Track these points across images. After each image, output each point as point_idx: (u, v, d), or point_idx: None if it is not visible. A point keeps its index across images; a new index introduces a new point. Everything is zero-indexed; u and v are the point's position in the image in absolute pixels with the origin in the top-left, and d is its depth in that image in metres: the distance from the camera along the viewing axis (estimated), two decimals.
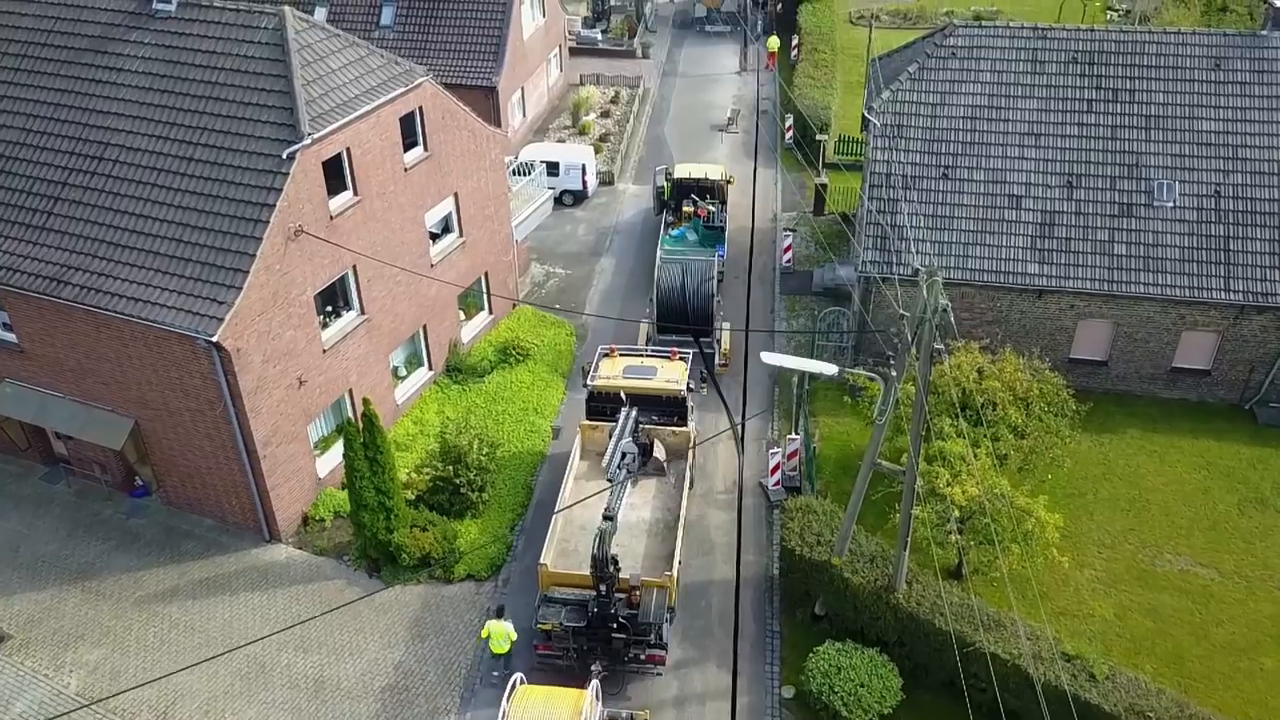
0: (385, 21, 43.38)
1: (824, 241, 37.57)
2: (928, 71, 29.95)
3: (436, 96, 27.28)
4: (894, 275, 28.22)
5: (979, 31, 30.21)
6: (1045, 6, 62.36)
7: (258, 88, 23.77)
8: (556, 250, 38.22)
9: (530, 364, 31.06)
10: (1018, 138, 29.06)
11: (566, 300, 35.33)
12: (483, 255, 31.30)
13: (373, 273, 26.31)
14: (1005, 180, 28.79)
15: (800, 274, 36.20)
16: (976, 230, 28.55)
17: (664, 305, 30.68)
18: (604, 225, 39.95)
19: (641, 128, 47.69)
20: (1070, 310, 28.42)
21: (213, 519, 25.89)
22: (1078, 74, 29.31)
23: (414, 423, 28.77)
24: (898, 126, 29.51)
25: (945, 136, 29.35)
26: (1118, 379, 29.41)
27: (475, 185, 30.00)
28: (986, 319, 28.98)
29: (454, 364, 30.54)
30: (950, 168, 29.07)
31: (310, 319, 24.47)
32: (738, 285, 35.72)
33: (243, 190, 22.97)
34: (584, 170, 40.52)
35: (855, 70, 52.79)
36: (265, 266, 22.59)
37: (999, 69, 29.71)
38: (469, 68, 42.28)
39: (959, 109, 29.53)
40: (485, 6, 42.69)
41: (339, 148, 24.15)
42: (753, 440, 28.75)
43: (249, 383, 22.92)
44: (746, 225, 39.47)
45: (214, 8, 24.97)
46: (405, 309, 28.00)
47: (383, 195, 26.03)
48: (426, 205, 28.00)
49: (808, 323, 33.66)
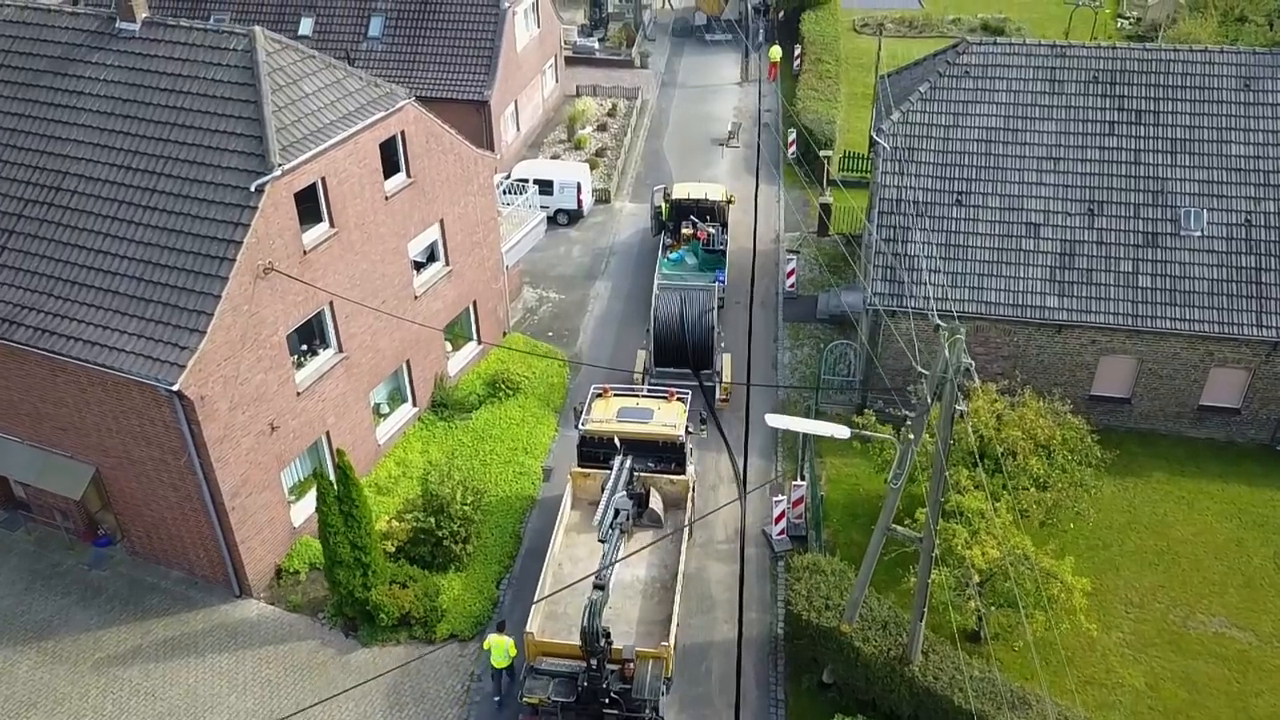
0: (373, 33, 41.82)
1: (828, 264, 35.99)
2: (940, 91, 28.36)
3: (420, 120, 25.70)
4: (905, 309, 26.64)
5: (994, 49, 28.62)
6: (1053, 14, 60.89)
7: (225, 114, 22.19)
8: (550, 273, 36.65)
9: (520, 398, 29.47)
10: (1035, 162, 27.47)
11: (560, 327, 33.74)
12: (471, 284, 29.73)
13: (352, 308, 24.74)
14: (1022, 207, 27.20)
15: (804, 299, 34.62)
16: (992, 261, 26.96)
17: (661, 338, 29.12)
18: (600, 246, 38.38)
19: (639, 142, 46.11)
20: (1091, 346, 26.83)
21: (180, 571, 24.31)
22: (1099, 94, 27.73)
23: (397, 464, 27.18)
24: (908, 149, 27.93)
25: (958, 160, 27.77)
26: (1141, 417, 27.82)
27: (462, 211, 28.43)
28: (1002, 354, 27.40)
29: (440, 399, 28.96)
30: (964, 194, 27.49)
31: (282, 360, 22.89)
32: (739, 311, 34.13)
33: (208, 225, 21.38)
34: (579, 189, 38.94)
35: (860, 81, 51.27)
36: (232, 307, 21.01)
37: (1015, 89, 28.12)
38: (460, 81, 40.71)
39: (973, 131, 27.94)
40: (477, 18, 41.12)
41: (313, 178, 22.58)
42: (755, 483, 27.14)
43: (214, 431, 21.33)
44: (748, 246, 37.89)
45: (180, 27, 23.42)
46: (387, 344, 26.43)
47: (361, 226, 24.46)
48: (410, 234, 26.43)
49: (812, 352, 32.07)
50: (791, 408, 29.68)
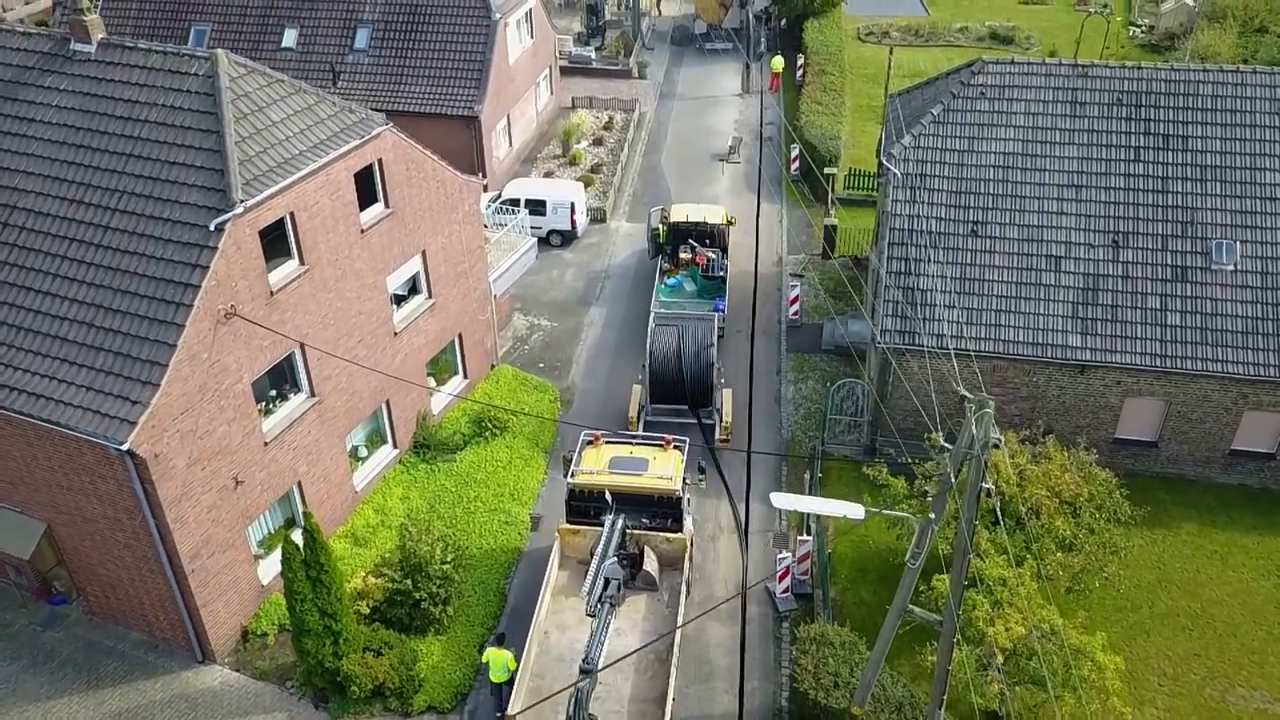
0: (359, 45, 40.15)
1: (833, 289, 34.29)
2: (953, 114, 26.67)
3: (399, 146, 24.02)
4: (916, 347, 24.95)
5: (1011, 68, 26.92)
6: (1063, 22, 59.28)
7: (184, 144, 20.51)
8: (542, 298, 34.96)
9: (508, 437, 27.78)
10: (1056, 190, 25.78)
11: (552, 358, 32.06)
12: (456, 316, 28.05)
13: (326, 347, 23.05)
14: (1042, 239, 25.51)
15: (808, 327, 32.93)
16: (1010, 296, 25.27)
17: (658, 375, 27.44)
18: (594, 269, 36.70)
19: (637, 157, 44.43)
20: (1116, 387, 25.13)
21: (140, 633, 22.62)
22: (1123, 117, 26.05)
23: (375, 511, 25.50)
24: (920, 176, 26.23)
25: (974, 188, 26.08)
26: (1169, 461, 26.13)
27: (446, 240, 26.76)
28: (1021, 395, 25.72)
29: (423, 439, 27.27)
30: (980, 224, 25.80)
31: (248, 409, 21.20)
32: (740, 341, 32.44)
33: (164, 267, 19.70)
34: (572, 209, 37.26)
35: (865, 93, 49.60)
36: (189, 357, 19.32)
37: (1034, 111, 26.43)
38: (449, 96, 39.04)
39: (989, 157, 26.25)
40: (467, 29, 39.44)
41: (280, 212, 20.90)
42: (758, 532, 25.47)
43: (171, 491, 19.65)
44: (749, 269, 36.22)
45: (138, 49, 21.73)
46: (364, 385, 24.75)
47: (335, 262, 22.78)
48: (389, 268, 24.75)
49: (817, 386, 30.37)
50: (796, 448, 28.01)
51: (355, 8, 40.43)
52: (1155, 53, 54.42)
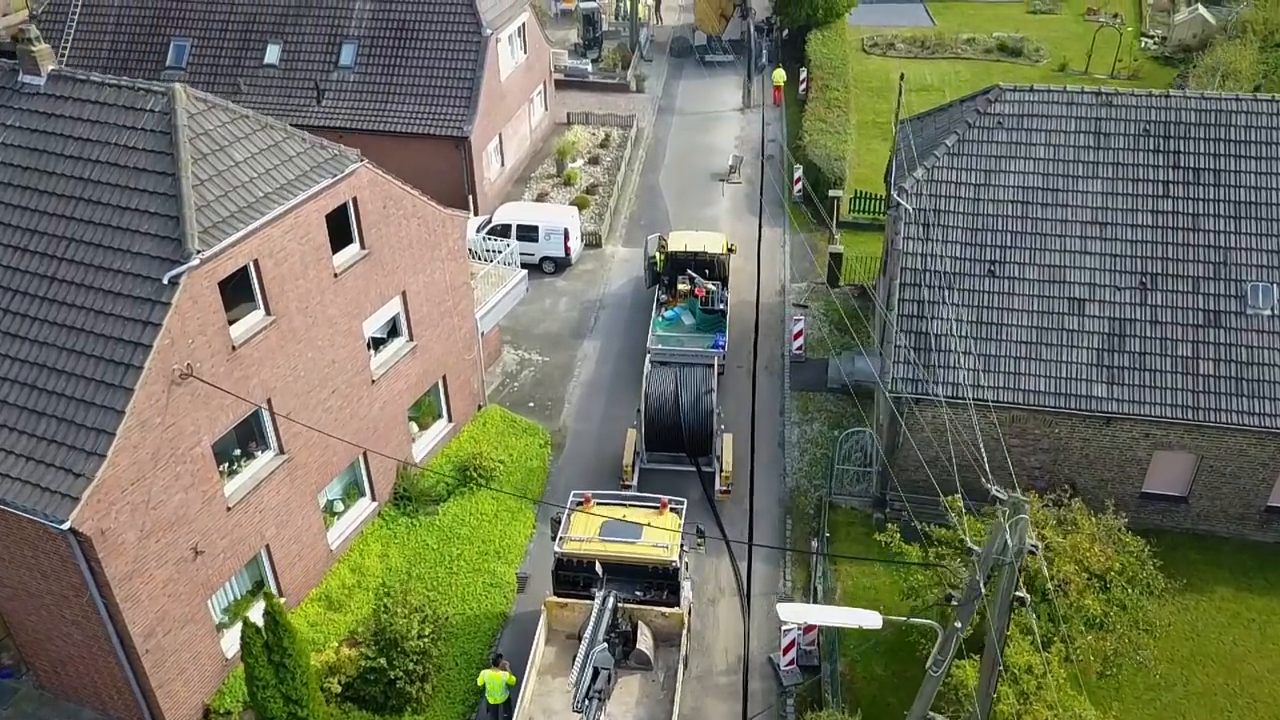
0: (344, 61, 38.52)
1: (839, 321, 32.62)
2: (969, 145, 25.02)
3: (375, 183, 22.38)
4: (930, 396, 23.32)
5: (1030, 96, 25.25)
6: (1073, 32, 57.67)
7: (138, 188, 18.88)
8: (534, 330, 33.31)
9: (494, 488, 26.12)
10: (1079, 227, 24.13)
11: (543, 396, 30.41)
12: (439, 357, 26.41)
13: (295, 402, 21.43)
14: (1065, 280, 23.87)
15: (813, 363, 31.28)
16: (1030, 341, 23.61)
17: (654, 422, 25.79)
18: (589, 298, 35.05)
19: (634, 176, 42.78)
20: (1145, 440, 23.49)
21: (94, 710, 20.98)
22: (1151, 149, 24.41)
23: (352, 570, 23.86)
24: (933, 212, 24.58)
25: (991, 225, 24.44)
26: (1199, 517, 24.49)
27: (429, 279, 25.12)
28: (1041, 447, 24.07)
29: (403, 490, 25.63)
30: (997, 263, 24.15)
31: (208, 473, 19.56)
32: (741, 377, 30.77)
33: (113, 323, 18.06)
34: (566, 235, 35.61)
35: (870, 108, 47.99)
36: (140, 423, 17.68)
37: (1055, 142, 24.78)
38: (438, 115, 37.40)
39: (1007, 191, 24.60)
40: (457, 46, 37.81)
41: (243, 260, 19.27)
42: (760, 595, 23.82)
43: (120, 568, 18.01)
44: (750, 298, 34.52)
45: (91, 82, 20.08)
46: (339, 437, 23.11)
47: (305, 310, 21.14)
48: (365, 312, 23.11)
49: (823, 428, 28.73)
50: (802, 499, 26.37)
51: (340, 23, 38.82)
52: (1169, 65, 52.81)
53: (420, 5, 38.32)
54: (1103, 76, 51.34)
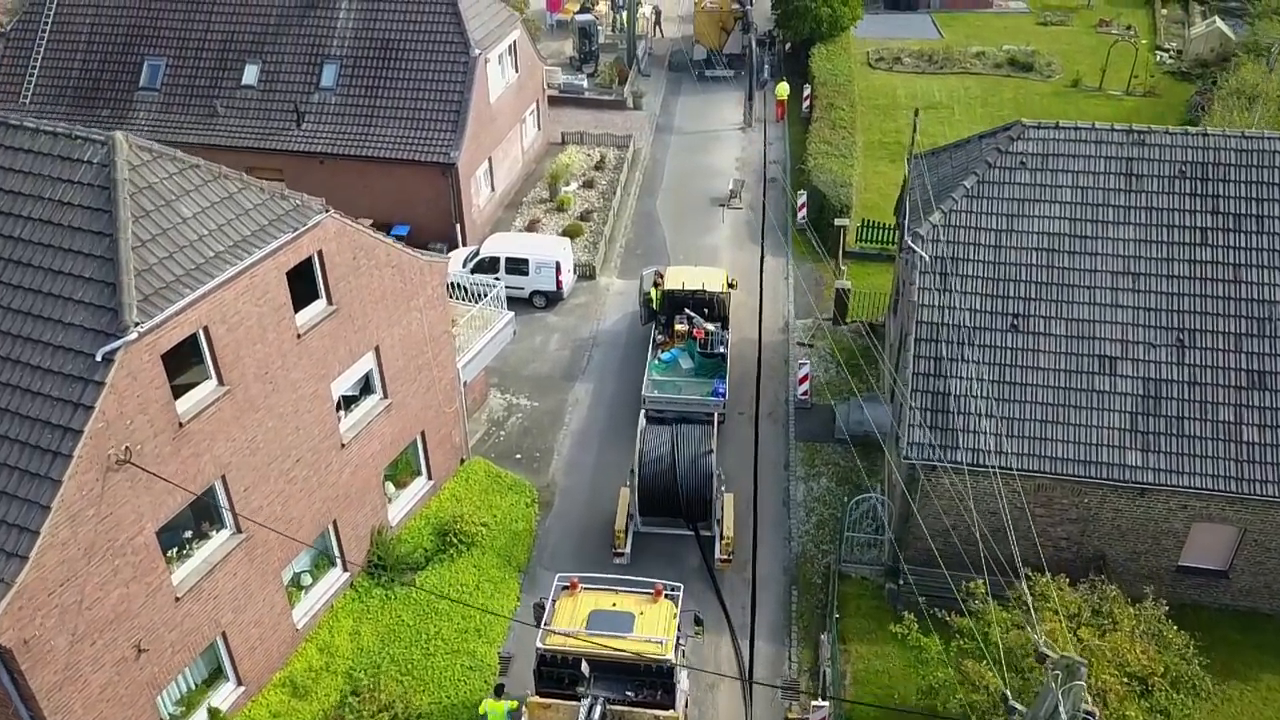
0: (326, 83, 36.63)
1: (846, 360, 30.71)
2: (989, 186, 23.14)
3: (343, 234, 20.49)
4: (949, 463, 21.44)
5: (1055, 134, 23.35)
6: (1085, 44, 55.84)
7: (73, 249, 17.00)
8: (522, 372, 31.41)
9: (475, 554, 24.28)
10: (1110, 278, 22.24)
11: (531, 446, 28.51)
12: (417, 413, 24.53)
13: (254, 476, 19.56)
14: (1094, 335, 21.97)
15: (820, 410, 29.37)
16: (1057, 404, 21.71)
17: (648, 486, 23.90)
18: (581, 336, 33.15)
19: (630, 201, 40.86)
20: (1182, 511, 21.61)
21: None
22: (1187, 192, 22.52)
23: (320, 650, 21.98)
24: (951, 260, 22.69)
25: (1014, 275, 22.54)
26: (1240, 593, 22.61)
27: (405, 331, 23.24)
28: (1069, 517, 22.19)
29: (378, 558, 23.76)
30: (1021, 316, 22.26)
31: (152, 563, 17.68)
32: (742, 425, 28.87)
33: (39, 404, 16.18)
34: (558, 268, 33.70)
35: (877, 127, 46.13)
36: (70, 518, 15.81)
37: (1083, 184, 22.90)
38: (423, 140, 35.50)
39: (1031, 238, 22.72)
40: (443, 66, 35.90)
41: (191, 328, 17.39)
42: (764, 675, 21.91)
43: (48, 678, 16.13)
44: (752, 335, 32.65)
45: (24, 129, 18.21)
46: (305, 509, 21.24)
47: (264, 376, 19.25)
48: (333, 372, 21.23)
49: (830, 484, 26.85)
50: (808, 566, 24.49)
51: (322, 41, 36.94)
52: (1186, 80, 50.93)
53: (405, 23, 36.46)
54: (1118, 93, 49.50)
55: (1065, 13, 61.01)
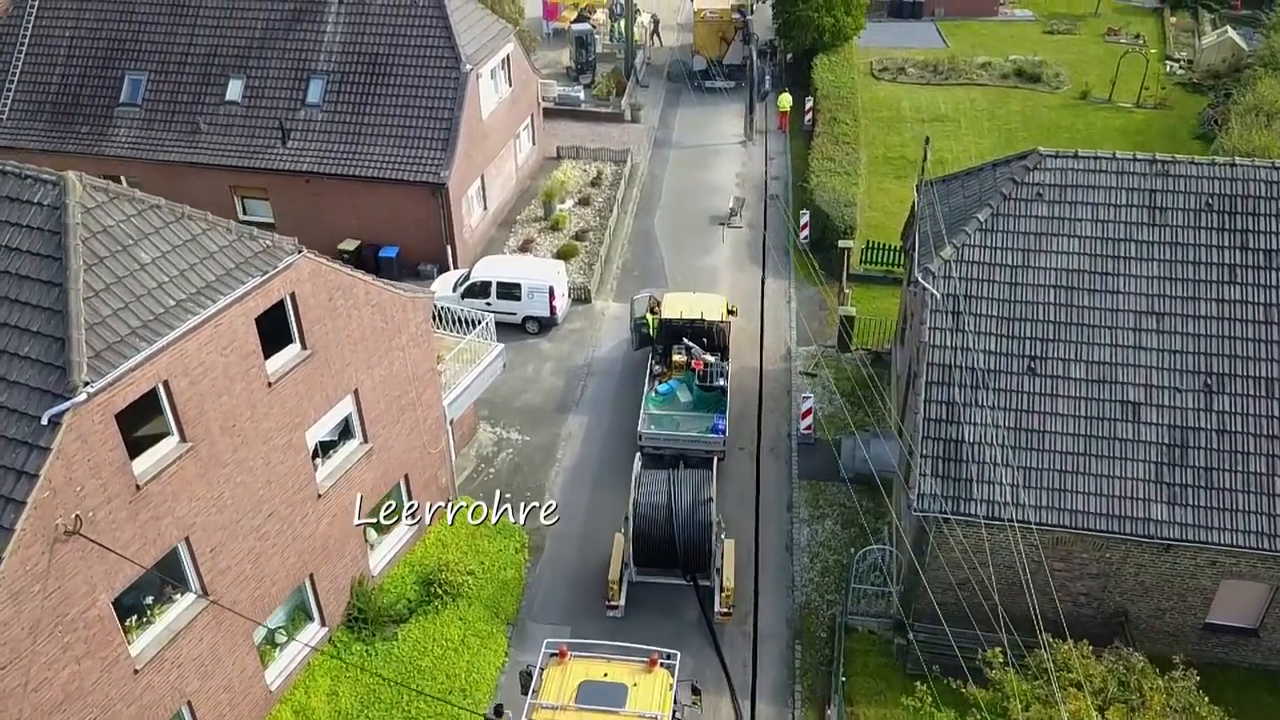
0: (312, 99, 35.39)
1: (851, 392, 29.46)
2: (1004, 219, 21.88)
3: (318, 274, 19.22)
4: (964, 515, 20.19)
5: (1074, 163, 22.09)
6: (1092, 54, 54.71)
7: (20, 300, 15.75)
8: (513, 403, 30.14)
9: (461, 605, 23.01)
10: (1133, 317, 20.98)
11: (521, 485, 27.25)
12: (400, 456, 23.28)
13: (221, 535, 18.31)
14: (1117, 380, 20.70)
15: (824, 446, 28.10)
16: (1077, 452, 20.43)
17: (644, 538, 22.63)
18: (576, 364, 31.89)
19: (627, 219, 39.61)
20: (1210, 568, 20.35)
21: None
22: (1215, 227, 21.26)
23: (295, 713, 20.75)
24: (964, 298, 21.42)
25: (1031, 314, 21.26)
26: (1272, 652, 21.36)
27: (387, 372, 21.98)
28: (1089, 572, 20.93)
29: (359, 610, 22.51)
30: (1039, 359, 20.99)
31: (108, 635, 16.43)
32: (743, 461, 27.66)
33: None
34: (551, 293, 32.43)
35: (881, 141, 44.92)
36: (12, 595, 14.55)
37: (1104, 218, 21.63)
38: (413, 159, 34.28)
39: (1049, 275, 21.45)
40: (433, 82, 34.69)
41: (150, 383, 16.14)
42: None
43: None
44: (753, 363, 31.44)
45: None
46: (279, 565, 19.99)
47: (232, 429, 17.99)
48: (308, 420, 19.98)
49: (835, 527, 25.59)
50: (812, 618, 23.23)
51: (308, 56, 35.72)
52: (1198, 91, 49.72)
53: (394, 37, 35.25)
54: (1128, 105, 48.32)
55: (1072, 21, 59.85)
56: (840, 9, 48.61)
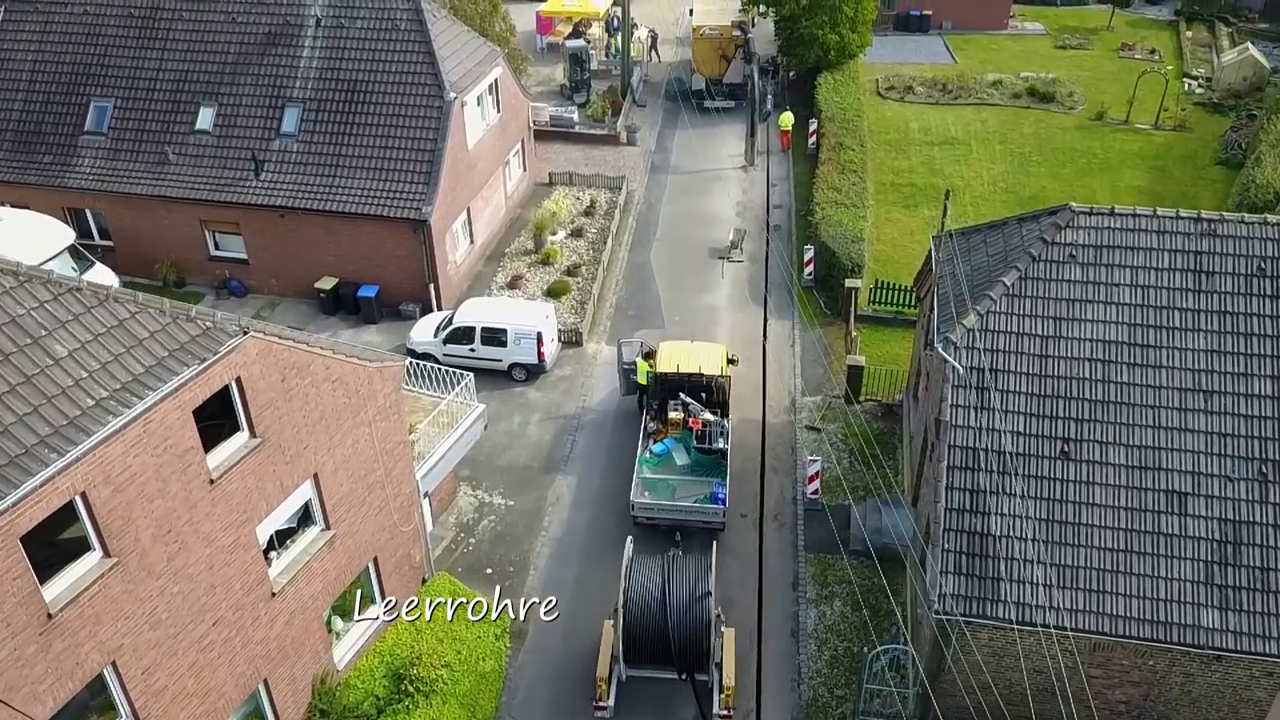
0: (287, 128, 33.35)
1: (860, 450, 27.35)
2: (1034, 283, 19.78)
3: (269, 354, 17.12)
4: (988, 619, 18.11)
5: (1110, 221, 20.00)
6: (1107, 71, 52.63)
7: None
8: (496, 461, 28.05)
9: (437, 701, 20.87)
10: (1178, 395, 18.88)
11: (503, 558, 25.17)
12: (368, 540, 21.19)
13: (156, 653, 16.22)
14: (1160, 466, 18.61)
15: (832, 512, 25.97)
16: (1117, 548, 18.33)
17: (635, 634, 20.46)
18: (565, 414, 29.80)
19: (622, 252, 37.52)
20: (1267, 679, 18.25)
21: None
22: (1269, 294, 19.18)
23: None
24: (989, 372, 19.33)
25: (1064, 390, 19.17)
26: None
27: (350, 451, 19.89)
28: (1130, 680, 18.84)
29: (322, 709, 20.41)
30: (1073, 441, 18.90)
31: None
32: (744, 532, 25.58)
33: None
34: (539, 339, 30.32)
35: (889, 166, 42.84)
36: None
37: (1144, 283, 19.54)
38: (393, 193, 32.24)
39: (1085, 346, 19.36)
40: (415, 111, 32.66)
41: (64, 497, 14.05)
42: None
43: None
44: (755, 415, 29.37)
45: None
46: (227, 675, 17.89)
47: (166, 536, 15.91)
48: (259, 514, 17.88)
49: (845, 609, 23.51)
50: (820, 717, 21.13)
51: (283, 83, 33.67)
52: (1218, 112, 47.62)
53: (374, 63, 33.22)
54: (1145, 126, 46.23)
55: (1085, 35, 57.70)
56: (845, 25, 46.51)
